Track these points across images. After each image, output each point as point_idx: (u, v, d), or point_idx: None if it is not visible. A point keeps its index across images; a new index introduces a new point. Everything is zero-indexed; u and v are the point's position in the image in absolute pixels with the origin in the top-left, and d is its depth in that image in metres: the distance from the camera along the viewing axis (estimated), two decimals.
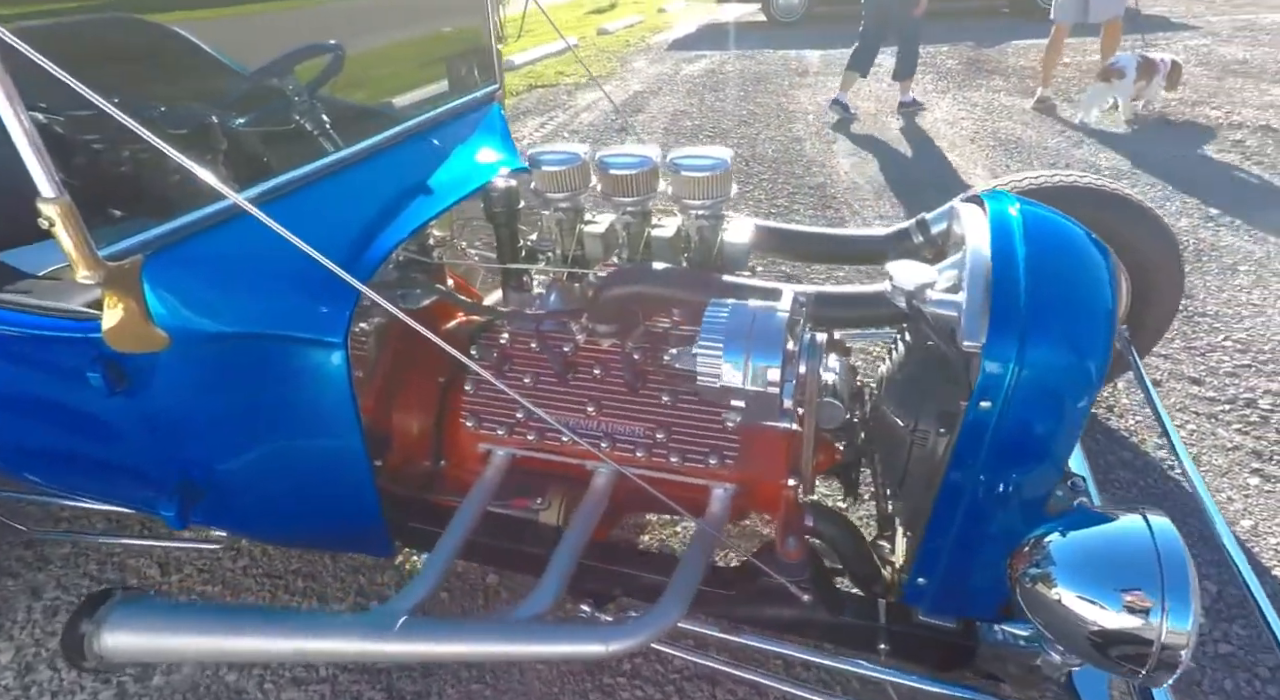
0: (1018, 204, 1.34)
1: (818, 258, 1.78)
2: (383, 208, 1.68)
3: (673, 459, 1.45)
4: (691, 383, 1.47)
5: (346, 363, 1.42)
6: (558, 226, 1.57)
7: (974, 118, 6.01)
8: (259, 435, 1.52)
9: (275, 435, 1.52)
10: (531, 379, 1.58)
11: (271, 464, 1.57)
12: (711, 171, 1.42)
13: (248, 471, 1.57)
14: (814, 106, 6.63)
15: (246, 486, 1.61)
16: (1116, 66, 5.18)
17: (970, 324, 1.16)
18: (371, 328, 1.80)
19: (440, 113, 2.02)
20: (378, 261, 1.51)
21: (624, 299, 1.43)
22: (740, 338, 1.17)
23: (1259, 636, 1.77)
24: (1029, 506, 1.26)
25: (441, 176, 1.89)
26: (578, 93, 7.74)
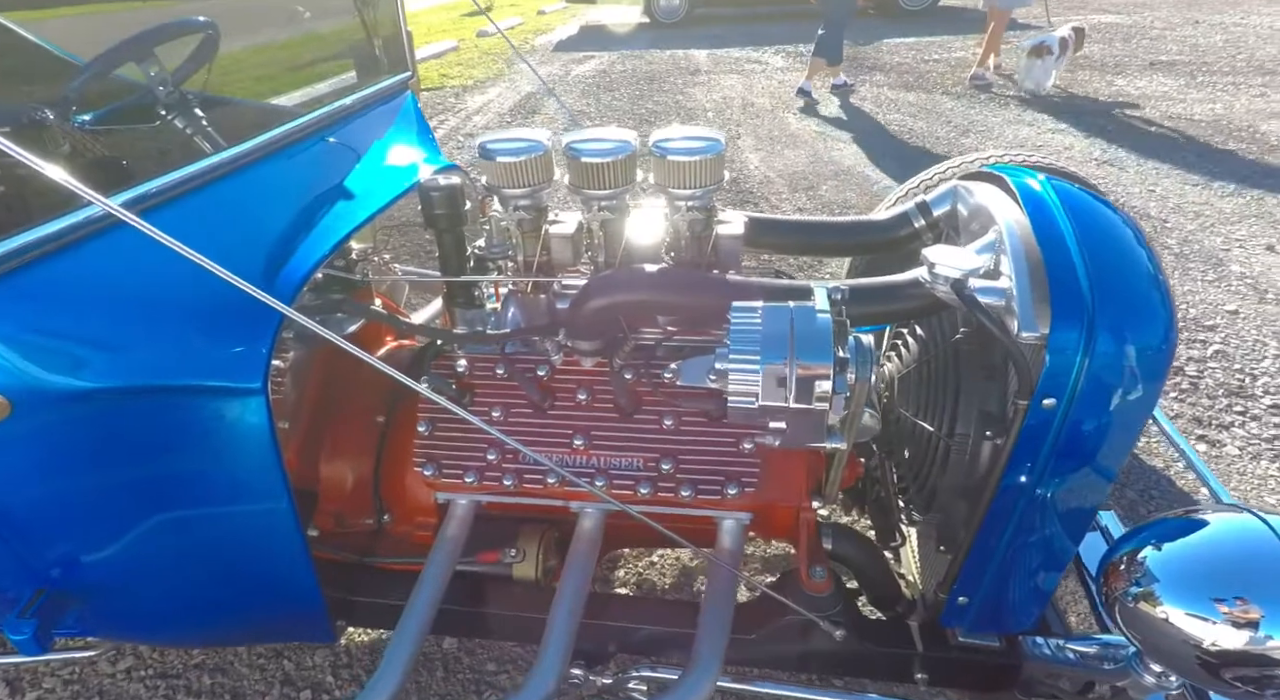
0: (1036, 177, 1.23)
1: (813, 250, 1.62)
2: (293, 218, 1.37)
3: (684, 492, 1.24)
4: (699, 401, 1.27)
5: (268, 413, 1.12)
6: (519, 228, 1.32)
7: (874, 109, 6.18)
8: (150, 517, 1.17)
9: (174, 513, 1.18)
10: (501, 412, 1.32)
11: (170, 550, 1.22)
12: (704, 155, 1.22)
13: (136, 564, 1.22)
14: (712, 104, 6.60)
15: (136, 583, 1.25)
16: (1045, 44, 5.97)
17: (1026, 313, 1.03)
18: (286, 364, 1.48)
19: (346, 105, 1.71)
20: (298, 283, 1.20)
21: (612, 309, 1.20)
22: (780, 346, 0.98)
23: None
24: (1082, 514, 1.15)
25: (358, 178, 1.59)
26: (466, 95, 7.35)
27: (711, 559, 1.27)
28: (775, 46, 8.98)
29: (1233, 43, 7.74)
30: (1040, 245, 1.06)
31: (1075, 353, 0.99)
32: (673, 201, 1.30)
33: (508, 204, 1.33)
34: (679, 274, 1.20)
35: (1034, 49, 6.02)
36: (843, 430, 1.03)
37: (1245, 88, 6.12)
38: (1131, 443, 1.09)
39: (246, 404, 1.11)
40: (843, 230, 1.48)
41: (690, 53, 8.95)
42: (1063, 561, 1.23)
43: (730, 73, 7.80)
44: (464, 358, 1.37)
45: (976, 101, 6.23)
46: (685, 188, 1.26)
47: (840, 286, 1.09)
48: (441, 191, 1.36)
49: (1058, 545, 1.20)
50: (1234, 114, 5.49)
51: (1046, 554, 1.20)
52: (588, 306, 1.20)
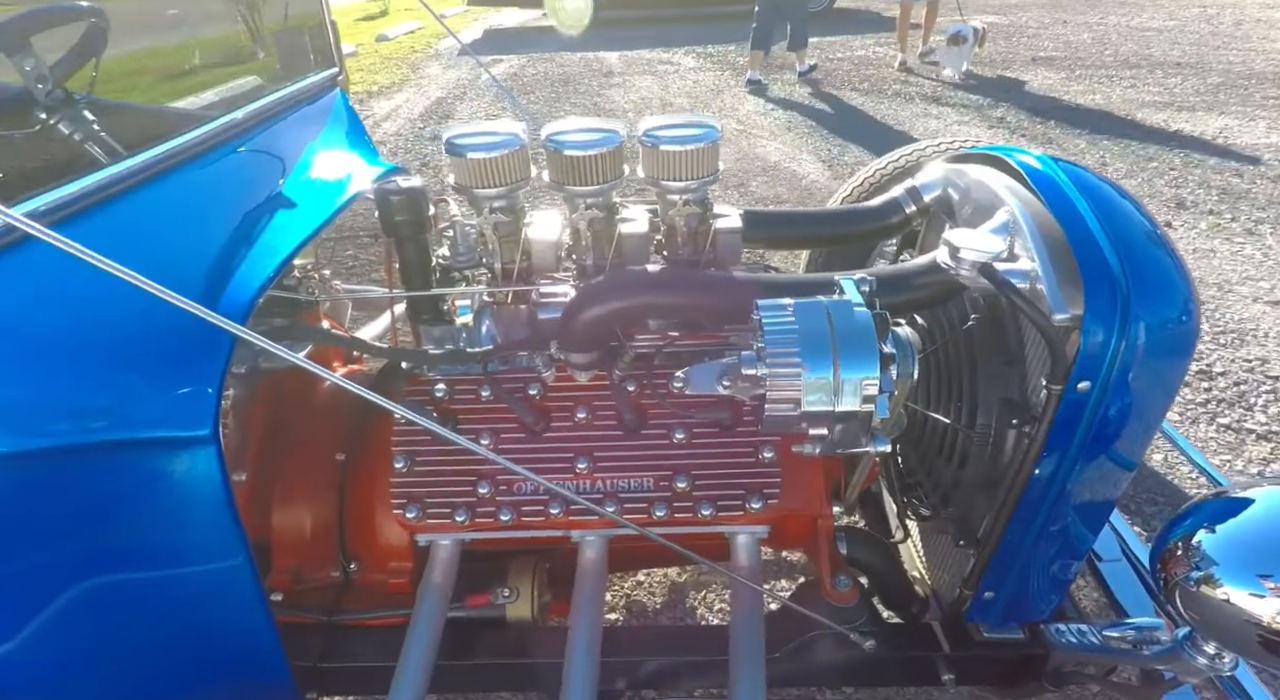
0: (1037, 156, 1.20)
1: (803, 243, 1.56)
2: (228, 233, 1.18)
3: (704, 511, 1.14)
4: (712, 410, 1.17)
5: (220, 465, 0.94)
6: (494, 233, 1.18)
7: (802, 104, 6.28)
8: (88, 590, 0.96)
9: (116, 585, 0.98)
10: (491, 438, 1.18)
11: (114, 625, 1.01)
12: (699, 144, 1.12)
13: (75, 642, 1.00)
14: (631, 105, 6.54)
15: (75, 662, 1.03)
16: (960, 34, 6.66)
17: (1055, 294, 0.99)
18: (229, 402, 1.28)
19: (270, 106, 1.52)
20: (245, 309, 1.02)
21: (615, 317, 1.09)
22: (820, 345, 0.90)
23: None
24: (1107, 501, 1.13)
25: (295, 186, 1.41)
26: (371, 102, 6.99)
27: (735, 578, 1.17)
28: (685, 47, 9.03)
29: (1099, 40, 8.36)
30: (1062, 225, 1.03)
31: (1110, 333, 0.96)
32: (664, 195, 1.20)
33: (480, 206, 1.19)
34: (690, 274, 1.11)
35: (952, 38, 6.68)
36: (885, 430, 0.96)
37: (1118, 80, 6.60)
38: (1158, 424, 1.08)
39: (194, 456, 0.93)
40: (833, 220, 1.42)
41: (600, 55, 8.87)
42: (1084, 549, 1.21)
43: (644, 74, 7.77)
44: (441, 380, 1.22)
45: (884, 97, 6.45)
46: (679, 180, 1.16)
47: (865, 277, 1.01)
48: (402, 196, 1.20)
49: (1081, 533, 1.17)
50: (1112, 103, 5.90)
51: (1071, 542, 1.18)
52: (586, 315, 1.08)
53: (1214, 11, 9.32)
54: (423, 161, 5.20)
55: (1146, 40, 8.07)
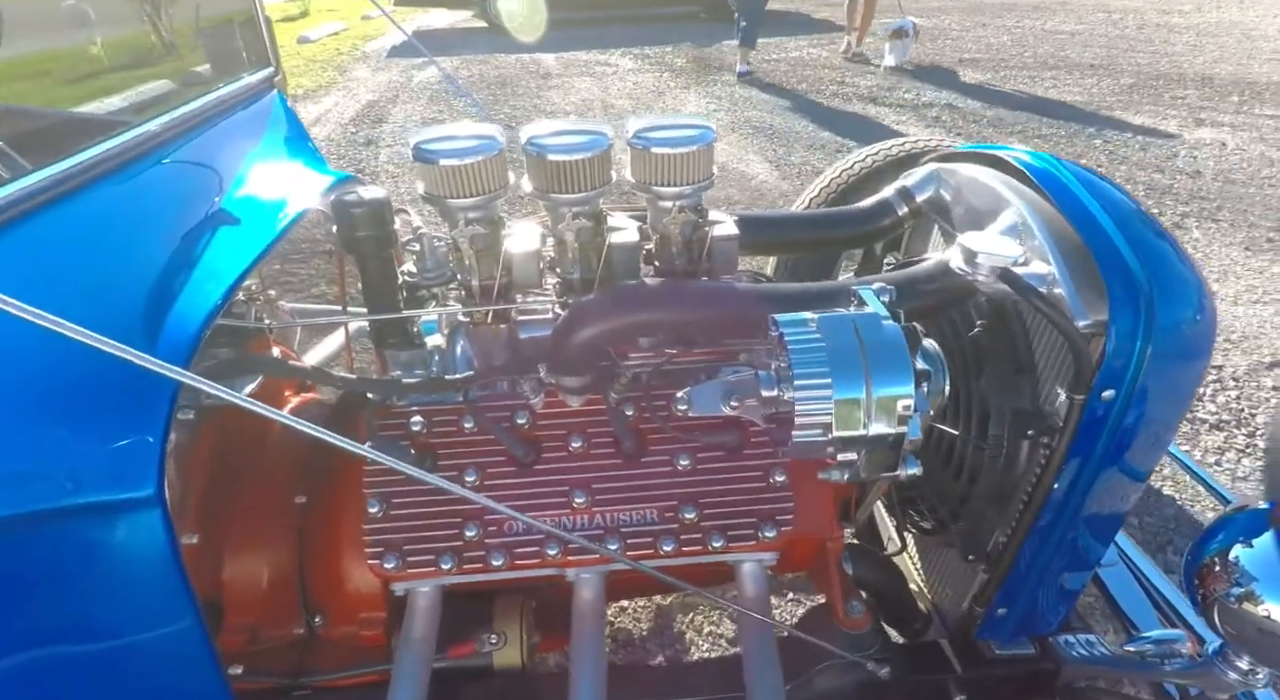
0: (1037, 156, 1.17)
1: (792, 247, 1.49)
2: (164, 256, 1.04)
3: (714, 543, 1.05)
4: (718, 433, 1.09)
5: (167, 529, 0.80)
6: (470, 247, 1.07)
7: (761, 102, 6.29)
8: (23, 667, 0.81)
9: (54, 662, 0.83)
10: (477, 474, 1.06)
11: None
12: (694, 146, 1.04)
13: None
14: (571, 106, 6.43)
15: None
16: (903, 29, 7.26)
17: (1076, 299, 0.95)
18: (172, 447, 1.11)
19: (200, 110, 1.36)
20: (190, 346, 0.89)
21: (614, 335, 1.00)
22: (851, 363, 0.82)
23: None
24: (1120, 511, 1.11)
25: (236, 199, 1.26)
26: (297, 106, 6.63)
27: (744, 613, 1.10)
28: (621, 49, 8.96)
29: (1017, 43, 8.72)
30: (1076, 226, 0.99)
31: (1134, 338, 0.93)
32: (655, 202, 1.11)
33: (454, 218, 1.07)
34: (694, 287, 1.02)
35: (894, 32, 7.32)
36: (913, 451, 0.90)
37: (1040, 80, 6.88)
38: (1175, 430, 1.05)
39: (137, 520, 0.78)
40: (822, 223, 1.36)
41: (537, 57, 8.72)
42: (1096, 560, 1.19)
43: (582, 76, 7.66)
44: (417, 412, 1.10)
45: (823, 97, 6.54)
46: (673, 185, 1.07)
47: (884, 285, 0.95)
48: (365, 208, 1.08)
49: (1094, 545, 1.15)
50: (1037, 103, 6.14)
51: (1083, 554, 1.15)
52: (580, 334, 0.99)
53: (1118, 16, 9.87)
54: (357, 168, 4.96)
55: (1060, 43, 8.46)
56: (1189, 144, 4.84)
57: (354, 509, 1.12)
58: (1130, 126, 5.31)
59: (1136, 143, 4.95)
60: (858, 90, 6.71)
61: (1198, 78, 6.52)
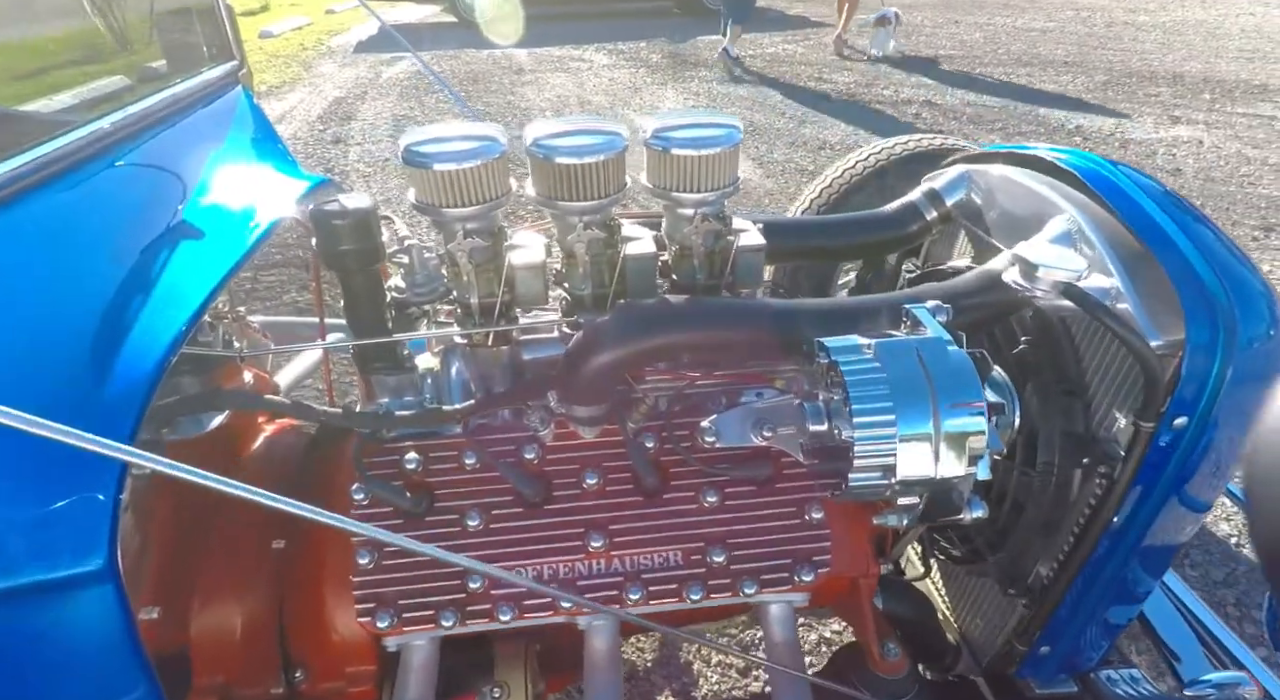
0: (1080, 155, 1.08)
1: (815, 255, 1.38)
2: (116, 278, 0.90)
3: (746, 589, 0.95)
4: (748, 466, 0.99)
5: (122, 605, 0.68)
6: (469, 260, 0.95)
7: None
8: None
9: None
10: (480, 517, 0.95)
11: None
12: (720, 147, 0.93)
13: None
14: (547, 103, 6.28)
15: None
16: (886, 17, 7.57)
17: (1145, 316, 0.87)
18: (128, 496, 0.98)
19: (157, 107, 1.22)
20: (152, 379, 0.76)
21: (638, 358, 0.89)
22: (917, 396, 0.73)
23: None
24: (1177, 544, 1.03)
25: (199, 210, 1.12)
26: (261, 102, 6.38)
27: (774, 668, 1.00)
28: (595, 44, 8.82)
29: (990, 39, 8.77)
30: (1141, 235, 0.90)
31: (1213, 359, 0.85)
32: (674, 209, 1.00)
33: (451, 229, 0.95)
34: (726, 305, 0.92)
35: (878, 20, 7.68)
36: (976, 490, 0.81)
37: (1014, 77, 6.91)
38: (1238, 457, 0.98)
39: (86, 597, 0.66)
40: (845, 229, 1.26)
41: (509, 52, 8.54)
42: (1146, 594, 1.12)
43: (556, 71, 7.51)
44: (412, 447, 0.98)
45: (802, 92, 6.48)
46: (697, 190, 0.96)
47: (936, 302, 0.85)
48: (348, 219, 0.95)
49: (1146, 579, 1.07)
50: (1015, 101, 6.15)
51: (1134, 589, 1.08)
52: (598, 358, 0.88)
53: (1086, 14, 9.99)
54: (326, 167, 4.77)
55: (1033, 40, 8.52)
56: (1167, 142, 4.88)
57: (342, 555, 1.00)
58: (1108, 125, 5.33)
59: (1115, 140, 4.97)
60: (836, 87, 6.67)
61: (1169, 75, 6.60)
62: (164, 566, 1.02)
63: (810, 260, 1.71)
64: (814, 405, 0.80)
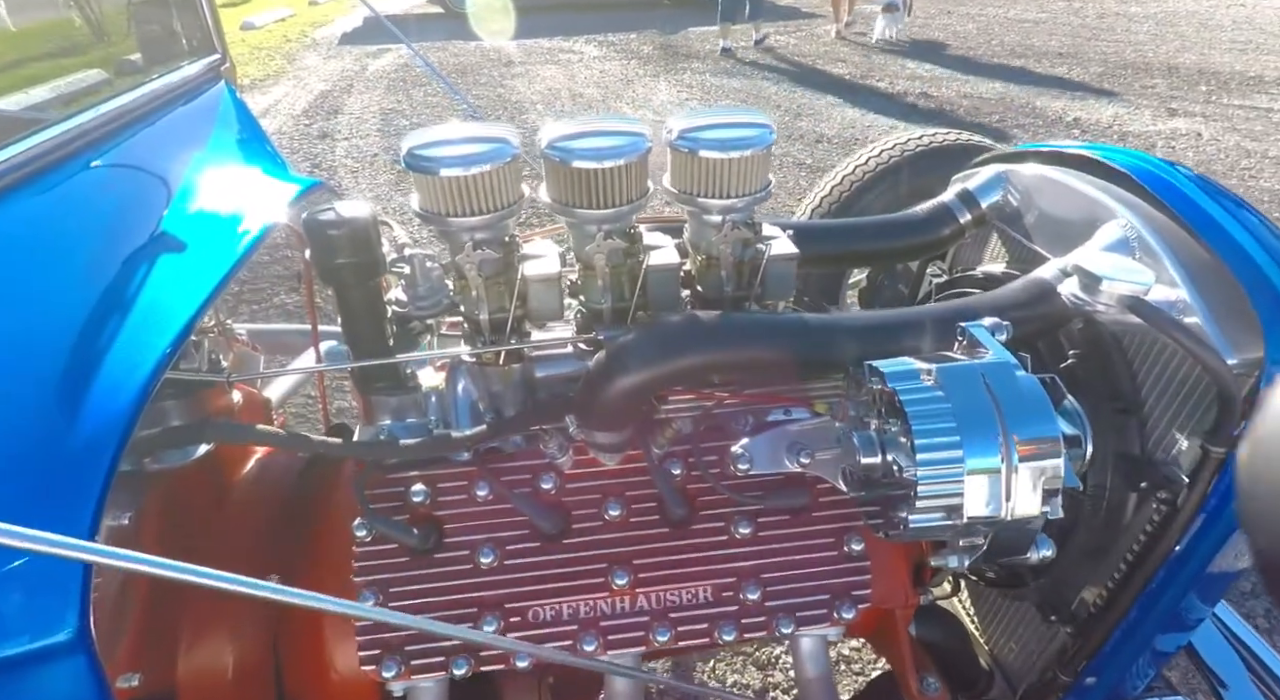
0: (1132, 154, 1.01)
1: (844, 261, 1.31)
2: (89, 296, 0.82)
3: (783, 627, 0.88)
4: (783, 494, 0.91)
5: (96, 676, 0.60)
6: (478, 272, 0.87)
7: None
8: None
9: None
10: (494, 553, 0.87)
11: None
12: (752, 149, 0.86)
13: None
14: (538, 96, 6.17)
15: None
16: (893, 4, 7.80)
17: (1218, 332, 0.80)
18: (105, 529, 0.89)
19: (133, 104, 1.12)
20: (133, 408, 0.69)
21: (660, 382, 0.81)
22: (986, 430, 0.66)
23: None
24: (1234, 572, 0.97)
25: (181, 217, 1.03)
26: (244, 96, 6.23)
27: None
28: (585, 36, 8.70)
29: (983, 30, 8.72)
30: (1212, 244, 0.83)
31: None
32: (700, 216, 0.93)
33: (458, 239, 0.87)
34: (764, 321, 0.84)
35: (886, 7, 7.85)
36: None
37: (1009, 69, 6.86)
38: None
39: (57, 670, 0.58)
40: (873, 233, 1.19)
41: (497, 44, 8.40)
42: (1199, 622, 1.06)
43: (546, 63, 7.39)
44: (419, 478, 0.90)
45: (797, 88, 6.40)
46: (726, 196, 0.89)
47: (992, 318, 0.78)
48: (345, 230, 0.87)
49: (1201, 608, 1.01)
50: (1011, 92, 6.10)
51: (1186, 617, 1.01)
52: (622, 381, 0.80)
53: (1079, 4, 9.95)
54: (313, 163, 4.65)
55: (1026, 31, 8.48)
56: (1165, 135, 4.84)
57: (339, 587, 0.92)
58: (1105, 116, 5.29)
59: (1114, 133, 4.93)
60: (830, 78, 6.59)
61: (1163, 67, 6.57)
62: (147, 606, 0.94)
63: (837, 267, 1.63)
64: (865, 435, 0.73)
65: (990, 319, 0.79)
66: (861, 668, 1.58)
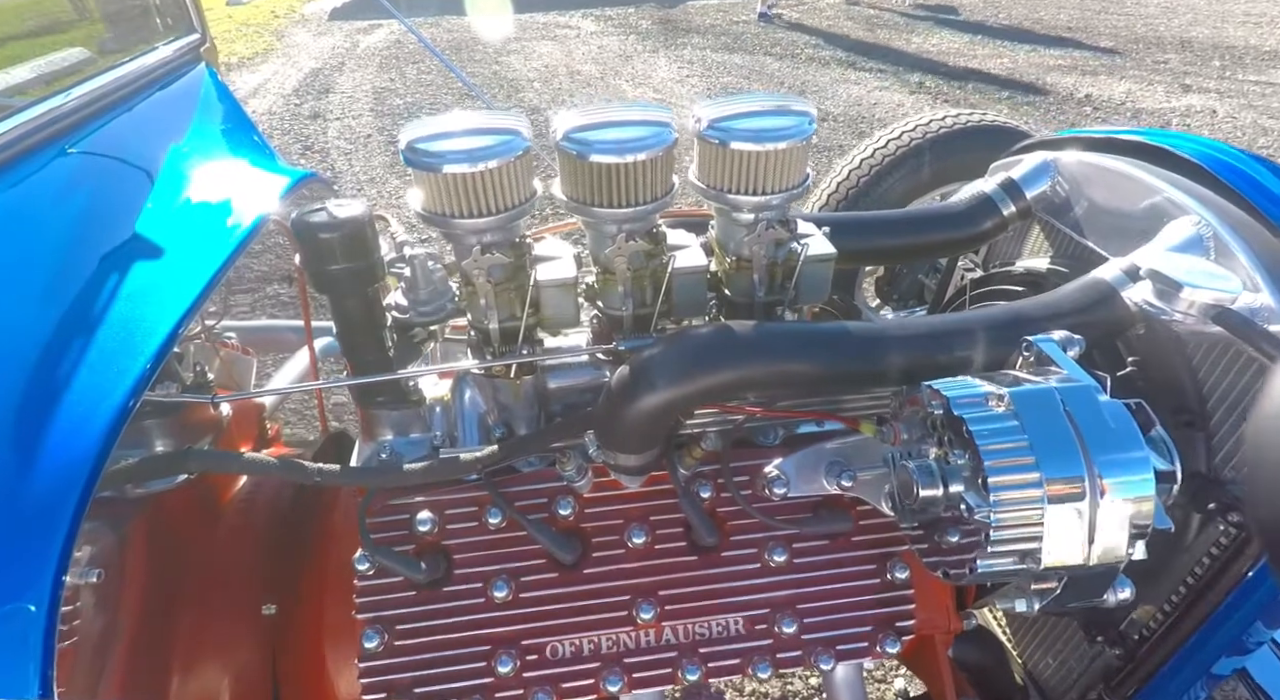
0: (1200, 143, 0.93)
1: (878, 256, 1.22)
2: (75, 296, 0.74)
3: (823, 663, 0.81)
4: (823, 519, 0.84)
5: None
6: (487, 278, 0.78)
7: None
8: None
9: None
10: (508, 585, 0.80)
11: None
12: (790, 140, 0.77)
13: None
14: (535, 73, 6.01)
15: None
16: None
17: None
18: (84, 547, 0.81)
19: (107, 87, 1.03)
20: (110, 431, 0.61)
21: (689, 401, 0.73)
22: (1070, 462, 0.58)
23: None
24: None
25: (162, 214, 0.94)
26: (233, 75, 6.07)
27: None
28: (581, 10, 8.48)
29: (989, 3, 8.51)
30: None
31: None
32: (729, 213, 0.84)
33: (465, 242, 0.79)
34: (806, 331, 0.76)
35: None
36: None
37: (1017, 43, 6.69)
38: None
39: None
40: (910, 226, 1.10)
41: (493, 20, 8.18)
42: (1259, 646, 0.99)
43: (543, 39, 7.20)
44: (426, 505, 0.82)
45: (799, 62, 6.24)
46: (759, 193, 0.80)
47: (1066, 333, 0.70)
48: (339, 232, 0.78)
49: (1265, 633, 0.94)
50: (1019, 67, 5.95)
51: (1248, 642, 0.95)
52: (649, 399, 0.72)
53: None
54: (305, 145, 4.51)
55: (1033, 4, 8.28)
56: (1180, 112, 4.72)
57: (344, 625, 0.85)
58: (1118, 93, 5.16)
59: (1127, 110, 4.81)
60: (835, 54, 6.43)
61: (1176, 41, 6.41)
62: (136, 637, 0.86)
63: (871, 262, 1.54)
64: (924, 465, 0.65)
65: (1060, 332, 0.71)
66: (884, 675, 1.52)
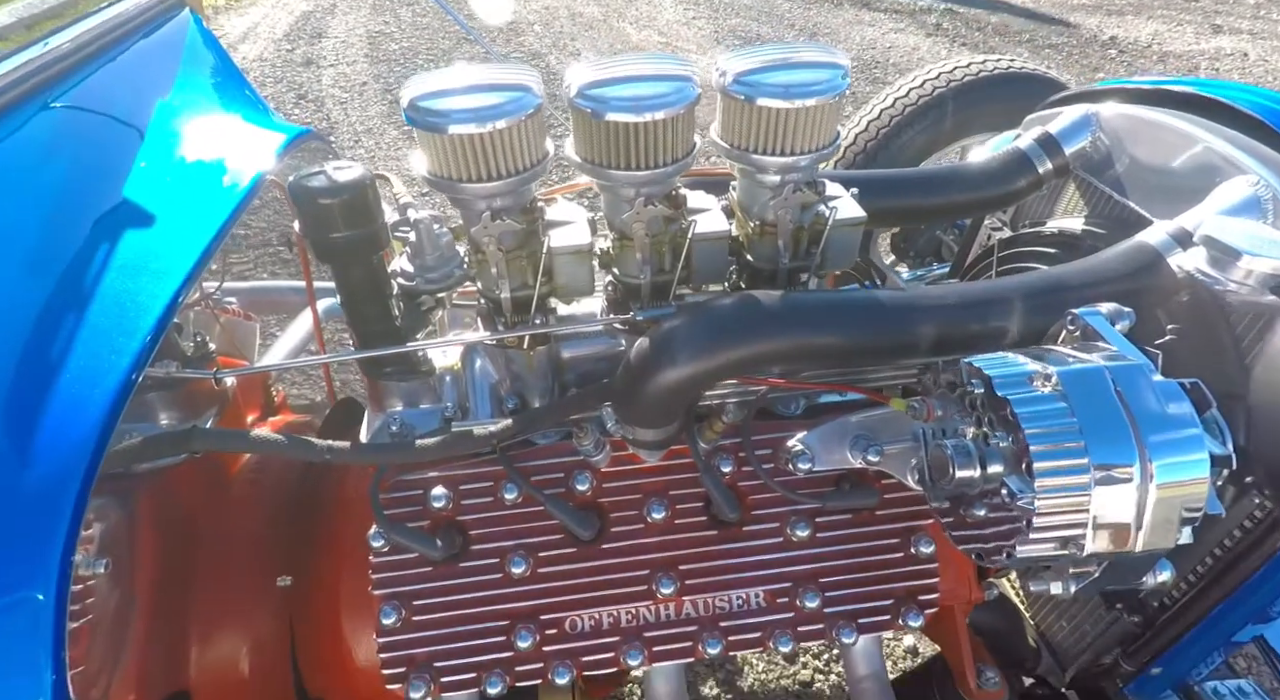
0: (1266, 97, 0.87)
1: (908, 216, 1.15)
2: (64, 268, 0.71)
3: (845, 637, 0.80)
4: (847, 494, 0.82)
5: None
6: (497, 246, 0.74)
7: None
8: None
9: None
10: (526, 561, 0.78)
11: None
12: (822, 96, 0.71)
13: None
14: (535, 15, 5.78)
15: None
16: None
17: None
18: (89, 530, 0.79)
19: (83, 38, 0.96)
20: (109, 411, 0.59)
21: (712, 375, 0.70)
22: (1122, 446, 0.55)
23: None
24: None
25: (149, 176, 0.89)
26: (220, 19, 5.85)
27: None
28: None
29: None
30: None
31: None
32: (754, 175, 0.79)
33: (472, 209, 0.74)
34: (837, 300, 0.72)
35: None
36: None
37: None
38: None
39: None
40: (946, 184, 1.04)
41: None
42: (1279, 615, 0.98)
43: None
44: (440, 481, 0.80)
45: (810, 1, 5.99)
46: (787, 153, 0.75)
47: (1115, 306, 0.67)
48: (339, 197, 0.73)
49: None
50: (1042, 6, 5.70)
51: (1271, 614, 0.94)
52: (670, 373, 0.69)
53: None
54: (299, 93, 4.37)
55: None
56: (1209, 54, 4.53)
57: (361, 600, 0.84)
58: (1144, 34, 4.95)
59: (1153, 53, 4.62)
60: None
61: None
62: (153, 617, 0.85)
63: (899, 223, 1.48)
64: (961, 444, 0.62)
65: (1108, 304, 0.67)
66: (892, 636, 1.53)
